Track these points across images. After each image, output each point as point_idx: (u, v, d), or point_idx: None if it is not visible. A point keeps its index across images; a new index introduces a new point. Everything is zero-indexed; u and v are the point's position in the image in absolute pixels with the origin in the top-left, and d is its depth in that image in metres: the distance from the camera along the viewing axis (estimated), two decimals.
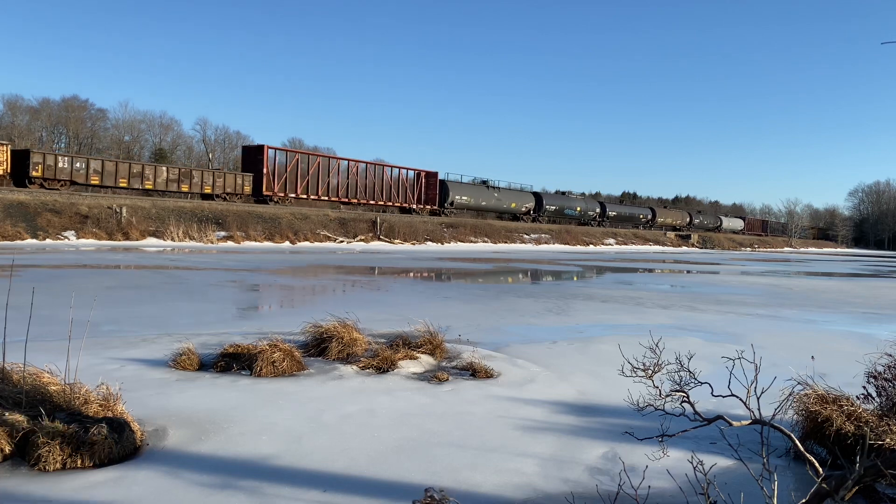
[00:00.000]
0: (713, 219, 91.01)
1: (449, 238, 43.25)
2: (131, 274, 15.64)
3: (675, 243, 70.53)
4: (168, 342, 6.75)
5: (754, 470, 3.04)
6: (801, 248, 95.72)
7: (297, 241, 33.79)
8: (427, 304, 11.16)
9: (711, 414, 3.31)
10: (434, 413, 4.74)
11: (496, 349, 7.23)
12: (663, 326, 9.56)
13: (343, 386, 5.40)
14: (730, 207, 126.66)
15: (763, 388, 3.34)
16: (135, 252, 22.97)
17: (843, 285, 21.89)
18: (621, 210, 74.16)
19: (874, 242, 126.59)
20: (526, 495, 3.41)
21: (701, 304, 13.26)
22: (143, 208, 30.36)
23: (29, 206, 26.60)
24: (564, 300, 12.93)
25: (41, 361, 4.40)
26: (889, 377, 4.15)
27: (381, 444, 4.04)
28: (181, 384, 5.22)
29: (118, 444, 3.61)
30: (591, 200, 72.04)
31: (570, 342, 8.01)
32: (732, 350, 6.87)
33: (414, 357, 6.29)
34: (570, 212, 64.73)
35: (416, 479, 3.49)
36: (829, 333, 9.86)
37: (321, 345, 6.45)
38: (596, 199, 79.88)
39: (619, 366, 3.73)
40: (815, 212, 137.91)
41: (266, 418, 4.43)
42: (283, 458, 3.76)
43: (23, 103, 60.94)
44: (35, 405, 3.77)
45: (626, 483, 3.11)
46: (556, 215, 63.36)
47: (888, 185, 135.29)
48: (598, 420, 4.79)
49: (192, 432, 4.09)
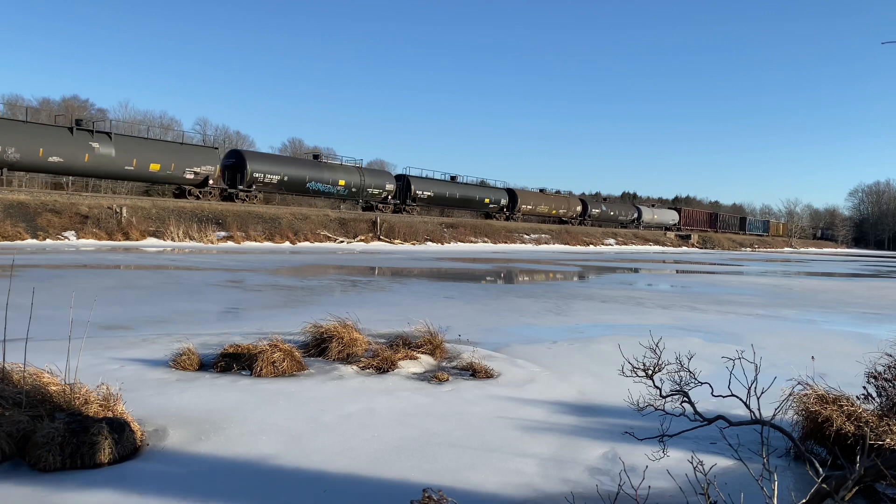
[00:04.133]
0: (624, 210, 73.11)
1: (449, 238, 43.25)
2: (131, 274, 15.63)
3: (674, 243, 70.49)
4: (168, 342, 6.75)
5: (754, 470, 3.03)
6: (800, 248, 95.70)
7: (298, 242, 33.79)
8: (427, 304, 11.16)
9: (711, 414, 3.31)
10: (434, 413, 4.74)
11: (496, 349, 7.23)
12: (663, 326, 9.56)
13: (343, 386, 5.40)
14: (711, 203, 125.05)
15: (763, 388, 3.34)
16: (135, 252, 22.97)
17: (843, 285, 21.88)
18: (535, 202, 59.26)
19: (874, 242, 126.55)
20: (526, 495, 3.41)
21: (701, 304, 13.25)
22: (144, 208, 30.35)
23: (29, 206, 26.60)
24: (564, 300, 12.93)
25: (41, 361, 4.40)
26: (889, 377, 4.15)
27: (380, 444, 4.04)
28: (181, 384, 5.22)
29: (118, 444, 3.61)
30: (501, 192, 57.41)
31: (571, 342, 8.01)
32: (732, 350, 6.87)
33: (414, 357, 6.30)
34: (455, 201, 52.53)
35: (416, 479, 3.49)
36: (829, 333, 9.86)
37: (321, 345, 6.45)
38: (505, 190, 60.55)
39: (619, 366, 3.73)
40: (815, 212, 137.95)
41: (266, 418, 4.43)
42: (283, 458, 3.76)
43: (23, 103, 60.96)
44: (35, 405, 3.77)
45: (626, 483, 3.11)
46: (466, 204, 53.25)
47: (888, 186, 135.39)
48: (598, 420, 4.79)
49: (192, 432, 4.09)
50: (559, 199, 63.08)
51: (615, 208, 71.33)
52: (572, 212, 63.59)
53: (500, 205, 55.88)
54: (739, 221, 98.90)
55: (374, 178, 45.54)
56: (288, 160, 43.90)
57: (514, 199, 57.06)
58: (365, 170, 46.14)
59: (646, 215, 74.70)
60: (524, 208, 57.88)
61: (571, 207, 63.54)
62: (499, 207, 55.92)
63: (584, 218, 65.10)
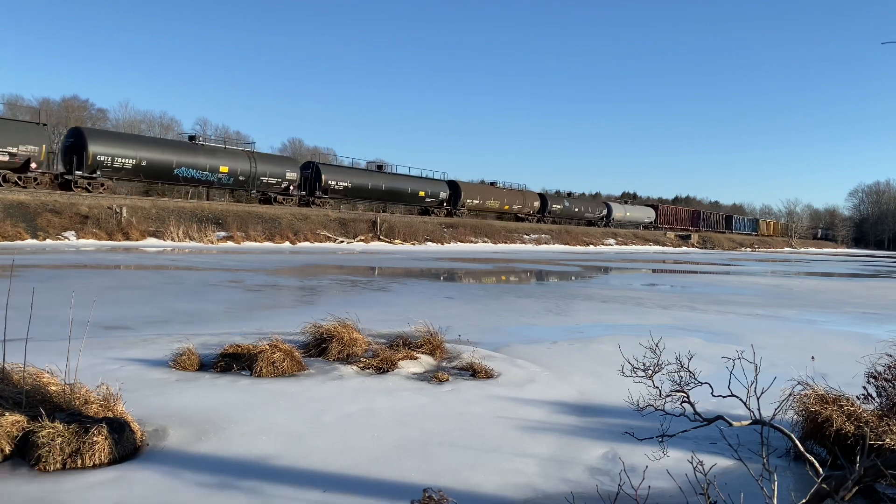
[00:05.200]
0: (591, 206, 67.63)
1: (449, 238, 43.27)
2: (131, 274, 15.63)
3: (675, 243, 70.45)
4: (168, 342, 6.75)
5: (754, 470, 3.03)
6: (800, 249, 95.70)
7: (298, 242, 33.78)
8: (427, 304, 11.16)
9: (711, 414, 3.31)
10: (434, 413, 4.74)
11: (496, 349, 7.23)
12: (663, 326, 9.56)
13: (343, 386, 5.40)
14: (713, 205, 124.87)
15: (763, 388, 3.34)
16: (135, 252, 22.96)
17: (842, 285, 21.88)
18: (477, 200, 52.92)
19: (874, 242, 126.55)
20: (526, 495, 3.41)
21: (701, 304, 13.26)
22: (143, 208, 30.35)
23: (29, 206, 26.60)
24: (564, 300, 12.93)
25: (41, 361, 4.40)
26: (889, 377, 4.15)
27: (381, 444, 4.04)
28: (181, 384, 5.22)
29: (118, 444, 3.61)
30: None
31: (571, 342, 8.01)
32: (732, 350, 6.87)
33: (414, 357, 6.30)
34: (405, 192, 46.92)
35: (416, 479, 3.49)
36: (829, 333, 9.86)
37: (321, 345, 6.46)
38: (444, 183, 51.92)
39: (619, 366, 3.73)
40: (815, 212, 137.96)
41: (266, 418, 4.43)
42: (283, 458, 3.76)
43: (23, 103, 60.99)
44: (35, 405, 3.77)
45: (626, 483, 3.11)
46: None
47: (888, 186, 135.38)
48: (598, 420, 4.79)
49: (192, 432, 4.09)
50: (512, 194, 56.42)
51: (580, 205, 65.40)
52: (529, 208, 57.68)
53: (438, 199, 48.98)
54: (725, 220, 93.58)
55: (271, 166, 38.53)
56: (147, 141, 35.55)
57: (457, 193, 50.31)
58: (258, 154, 38.56)
59: (616, 212, 69.61)
60: (470, 203, 51.41)
61: (528, 203, 57.58)
62: (437, 202, 49.09)
63: (544, 215, 59.47)
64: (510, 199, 55.86)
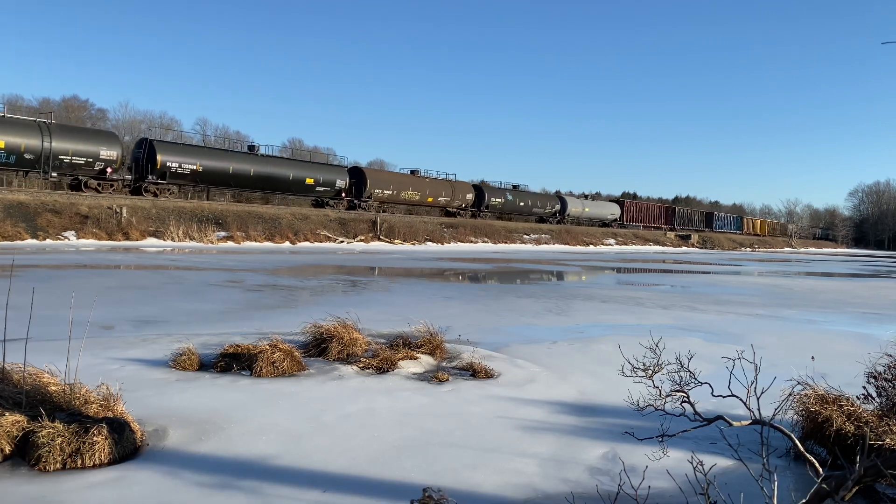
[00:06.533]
0: (543, 201, 60.98)
1: (449, 238, 43.26)
2: (131, 274, 15.63)
3: (674, 243, 70.45)
4: (168, 342, 6.75)
5: (754, 470, 3.03)
6: (801, 249, 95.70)
7: (297, 242, 33.78)
8: (427, 304, 11.16)
9: (711, 414, 3.31)
10: (434, 413, 4.74)
11: (496, 349, 7.23)
12: (663, 326, 9.56)
13: (343, 386, 5.40)
14: (714, 205, 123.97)
15: (763, 388, 3.34)
16: (135, 252, 22.96)
17: (843, 285, 21.88)
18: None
19: (874, 242, 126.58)
20: (526, 495, 3.41)
21: (701, 304, 13.25)
22: (143, 208, 30.35)
23: (29, 206, 26.59)
24: (564, 300, 12.93)
25: (41, 361, 4.40)
26: (889, 377, 4.15)
27: (380, 444, 4.04)
28: (181, 384, 5.22)
29: (118, 444, 3.61)
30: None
31: (571, 342, 8.01)
32: (732, 350, 6.87)
33: (414, 357, 6.30)
34: None
35: (416, 479, 3.49)
36: (829, 333, 9.85)
37: (321, 345, 6.46)
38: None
39: (619, 366, 3.73)
40: (815, 212, 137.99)
41: (266, 418, 4.43)
42: (283, 458, 3.77)
43: (23, 103, 60.96)
44: (35, 405, 3.77)
45: (626, 483, 3.11)
46: None
47: (888, 186, 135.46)
48: (598, 420, 4.79)
49: (192, 432, 4.09)
50: (438, 185, 49.43)
51: (526, 199, 58.59)
52: (459, 201, 50.80)
53: (335, 188, 41.26)
54: (705, 217, 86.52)
55: (75, 142, 29.73)
56: None
57: (362, 182, 42.85)
58: (56, 126, 29.82)
59: (573, 208, 62.72)
60: (378, 194, 43.78)
61: (458, 196, 50.59)
62: (334, 192, 41.48)
63: (480, 209, 52.76)
64: (435, 190, 48.42)
